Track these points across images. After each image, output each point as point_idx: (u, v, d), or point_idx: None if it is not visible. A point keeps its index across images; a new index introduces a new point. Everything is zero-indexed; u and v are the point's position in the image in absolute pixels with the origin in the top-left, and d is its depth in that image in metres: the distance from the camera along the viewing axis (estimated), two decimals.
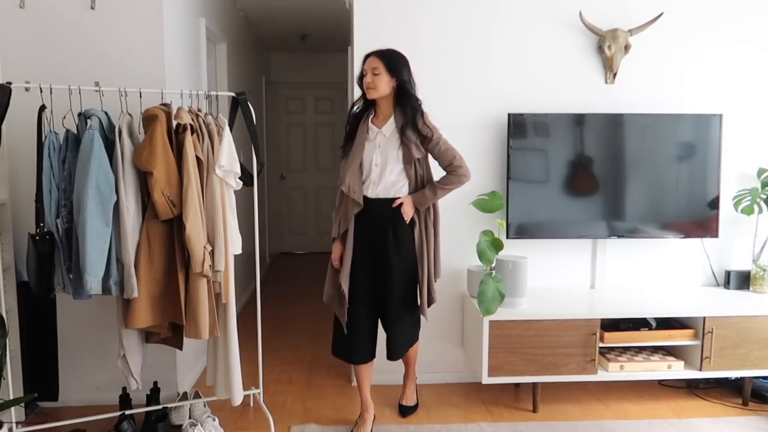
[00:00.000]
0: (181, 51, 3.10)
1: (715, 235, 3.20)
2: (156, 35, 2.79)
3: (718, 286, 3.36)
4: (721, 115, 3.13)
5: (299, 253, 7.19)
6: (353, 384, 3.27)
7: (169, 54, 2.87)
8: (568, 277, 3.33)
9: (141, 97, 2.41)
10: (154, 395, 2.80)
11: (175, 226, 2.34)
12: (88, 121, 2.24)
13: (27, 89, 2.41)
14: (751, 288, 3.24)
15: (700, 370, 2.92)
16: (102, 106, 2.33)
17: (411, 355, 2.89)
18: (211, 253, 2.35)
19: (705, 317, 2.89)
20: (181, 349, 2.63)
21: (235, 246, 2.54)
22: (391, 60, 2.49)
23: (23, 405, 2.76)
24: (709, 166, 3.15)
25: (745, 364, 2.92)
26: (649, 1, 3.16)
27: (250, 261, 3.10)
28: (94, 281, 2.19)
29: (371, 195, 2.55)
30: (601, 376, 2.90)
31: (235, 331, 2.57)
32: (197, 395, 2.95)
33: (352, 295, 2.55)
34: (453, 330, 3.28)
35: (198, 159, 2.35)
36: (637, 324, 2.97)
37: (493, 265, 2.88)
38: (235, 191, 2.53)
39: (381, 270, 2.57)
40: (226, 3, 4.33)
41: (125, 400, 2.72)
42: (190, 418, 2.76)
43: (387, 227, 2.54)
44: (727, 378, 3.15)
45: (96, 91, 2.36)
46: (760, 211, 3.19)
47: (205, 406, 2.86)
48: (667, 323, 3.01)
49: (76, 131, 2.30)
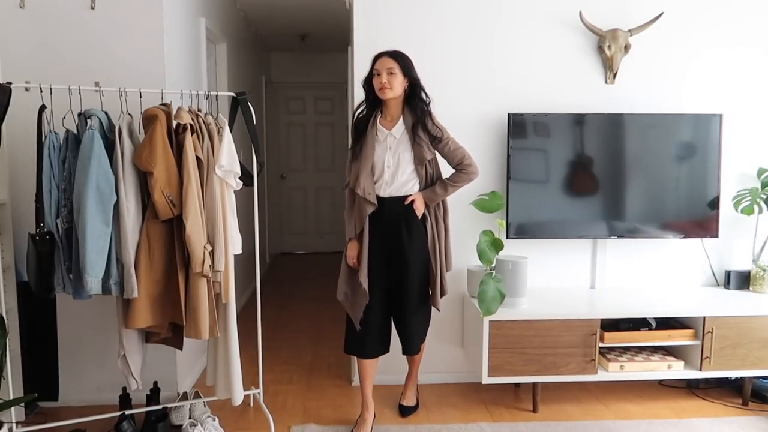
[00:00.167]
0: (181, 51, 3.10)
1: (715, 235, 3.20)
2: (156, 35, 2.79)
3: (718, 286, 3.36)
4: (721, 115, 3.13)
5: (299, 253, 7.19)
6: (353, 384, 3.27)
7: (169, 54, 2.87)
8: (568, 277, 3.33)
9: (141, 97, 2.41)
10: (154, 395, 2.80)
11: (175, 226, 2.34)
12: (88, 121, 2.24)
13: (27, 89, 2.41)
14: (751, 288, 3.24)
15: (700, 370, 2.92)
16: (102, 106, 2.33)
17: (417, 355, 2.90)
18: (211, 253, 2.35)
19: (705, 317, 2.89)
20: (181, 349, 2.63)
21: (235, 246, 2.54)
22: (405, 60, 2.55)
23: (23, 405, 2.76)
24: (709, 166, 3.15)
25: (745, 364, 2.92)
26: (649, 1, 3.17)
27: (250, 261, 3.10)
28: (94, 281, 2.19)
29: (383, 195, 2.60)
30: (601, 376, 2.90)
31: (235, 331, 2.57)
32: (197, 395, 2.95)
33: (369, 290, 2.60)
34: (453, 330, 3.28)
35: (198, 159, 2.35)
36: (637, 324, 2.97)
37: (493, 265, 2.88)
38: (235, 191, 2.53)
39: (397, 265, 2.62)
40: (226, 3, 4.33)
41: (125, 400, 2.72)
42: (190, 418, 2.76)
43: (400, 224, 2.60)
44: (727, 378, 3.15)
45: (96, 91, 2.36)
46: (760, 211, 3.19)
47: (205, 406, 2.86)
48: (667, 323, 3.01)
49: (76, 131, 2.30)
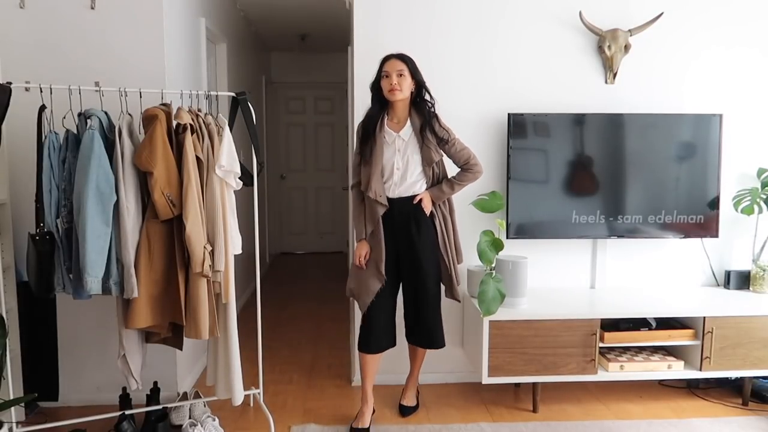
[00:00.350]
0: (181, 51, 3.10)
1: (715, 235, 3.20)
2: (156, 35, 2.79)
3: (718, 286, 3.36)
4: (721, 115, 3.14)
5: (299, 253, 7.19)
6: (353, 384, 3.27)
7: (169, 54, 2.87)
8: (568, 277, 3.33)
9: (141, 97, 2.41)
10: (154, 395, 2.80)
11: (175, 226, 2.34)
12: (88, 121, 2.24)
13: (27, 89, 2.41)
14: (751, 288, 3.24)
15: (700, 370, 2.92)
16: (102, 106, 2.33)
17: (420, 353, 2.93)
18: (211, 253, 2.35)
19: (705, 317, 2.89)
20: (181, 349, 2.63)
21: (235, 246, 2.54)
22: (413, 63, 2.63)
23: (23, 405, 2.76)
24: (709, 166, 3.15)
25: (745, 364, 2.92)
26: (649, 1, 3.16)
27: (250, 261, 3.10)
28: (94, 281, 2.19)
29: (392, 195, 2.67)
30: (601, 376, 2.90)
31: (236, 331, 2.57)
32: (197, 395, 2.95)
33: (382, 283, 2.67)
34: (453, 330, 3.27)
35: (198, 159, 2.35)
36: (637, 324, 2.97)
37: (493, 265, 2.88)
38: (235, 191, 2.53)
39: (409, 264, 2.69)
40: (226, 3, 4.33)
41: (125, 400, 2.72)
42: (190, 418, 2.76)
43: (410, 223, 2.67)
44: (727, 378, 3.15)
45: (96, 91, 2.36)
46: (760, 211, 3.19)
47: (205, 406, 2.86)
48: (667, 323, 3.01)
49: (76, 131, 2.30)
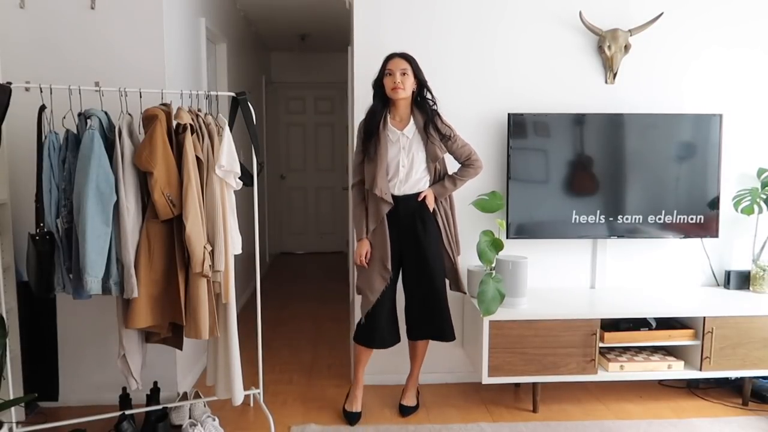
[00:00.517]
0: (181, 51, 3.10)
1: (715, 235, 3.20)
2: (156, 35, 2.79)
3: (718, 286, 3.36)
4: (721, 115, 3.14)
5: (299, 253, 7.19)
6: None
7: (169, 54, 2.87)
8: (568, 277, 3.33)
9: (141, 97, 2.41)
10: (154, 395, 2.80)
11: (175, 226, 2.34)
12: (88, 121, 2.24)
13: (27, 89, 2.41)
14: (751, 288, 3.24)
15: (700, 370, 2.92)
16: (102, 106, 2.33)
17: (420, 351, 2.94)
18: (211, 253, 2.35)
19: (705, 317, 2.89)
20: (181, 349, 2.63)
21: (235, 246, 2.54)
22: (415, 62, 2.67)
23: (23, 405, 2.76)
24: (709, 166, 3.15)
25: (745, 364, 2.92)
26: (649, 1, 3.16)
27: (250, 261, 3.10)
28: (94, 281, 2.19)
29: (398, 193, 2.71)
30: (601, 376, 2.90)
31: (236, 331, 2.57)
32: (197, 395, 2.95)
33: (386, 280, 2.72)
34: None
35: (198, 159, 2.35)
36: (637, 324, 2.97)
37: (493, 265, 2.88)
38: (235, 191, 2.53)
39: (416, 260, 2.74)
40: (226, 3, 4.33)
41: (125, 400, 2.72)
42: (190, 418, 2.76)
43: (416, 219, 2.72)
44: (727, 378, 3.15)
45: (96, 91, 2.36)
46: (760, 211, 3.19)
47: (205, 406, 2.86)
48: (667, 323, 3.01)
49: (76, 131, 2.30)
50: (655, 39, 3.19)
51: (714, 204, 3.17)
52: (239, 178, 2.50)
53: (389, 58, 2.68)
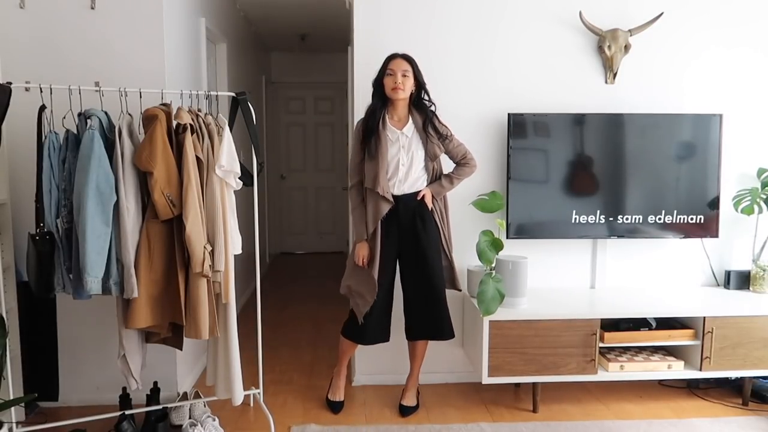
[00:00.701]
0: (181, 51, 3.10)
1: (715, 235, 3.20)
2: (156, 35, 2.79)
3: (718, 286, 3.36)
4: (721, 115, 3.13)
5: (299, 253, 7.19)
6: (354, 384, 3.27)
7: (169, 54, 2.87)
8: (568, 277, 3.33)
9: (141, 97, 2.41)
10: (154, 395, 2.80)
11: (175, 226, 2.33)
12: (88, 121, 2.24)
13: (27, 89, 2.41)
14: (751, 288, 3.24)
15: (700, 370, 2.92)
16: (102, 106, 2.33)
17: (420, 351, 2.95)
18: (211, 253, 2.35)
19: (705, 317, 2.89)
20: (181, 349, 2.63)
21: (235, 246, 2.54)
22: (416, 64, 2.71)
23: (23, 405, 2.76)
24: (709, 166, 3.15)
25: (745, 364, 2.92)
26: (649, 1, 3.16)
27: (250, 261, 3.10)
28: (94, 281, 2.19)
29: (398, 192, 2.73)
30: (601, 376, 2.90)
31: (235, 331, 2.57)
32: (197, 395, 2.95)
33: (378, 285, 2.72)
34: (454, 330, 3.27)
35: (198, 159, 2.35)
36: (637, 324, 2.97)
37: (493, 265, 2.88)
38: (235, 191, 2.53)
39: (416, 258, 2.76)
40: (226, 3, 4.33)
41: (125, 400, 2.72)
42: (190, 418, 2.76)
43: (416, 218, 2.75)
44: (727, 378, 3.15)
45: (96, 91, 2.36)
46: (760, 211, 3.19)
47: (205, 406, 2.86)
48: (667, 323, 3.01)
49: (76, 131, 2.30)
50: (655, 39, 3.19)
51: (714, 204, 3.17)
52: (239, 178, 2.50)
53: (391, 58, 2.70)
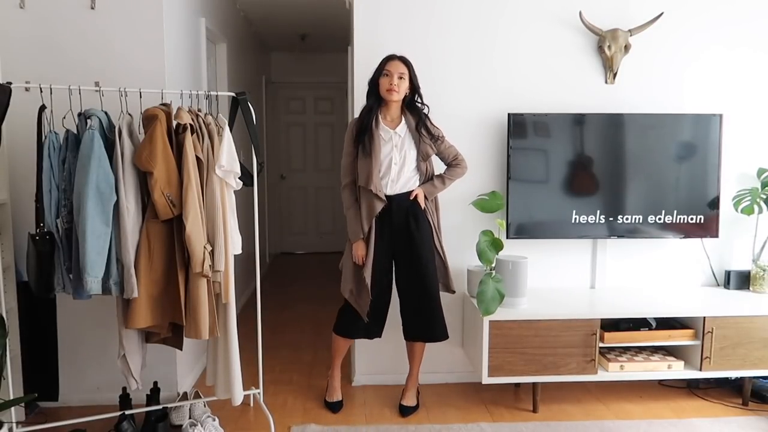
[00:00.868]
0: (181, 51, 3.10)
1: (715, 235, 3.20)
2: (156, 35, 2.79)
3: (718, 286, 3.36)
4: (721, 115, 3.13)
5: (299, 253, 7.19)
6: (354, 384, 3.27)
7: (169, 54, 2.87)
8: (568, 277, 3.33)
9: (141, 97, 2.41)
10: (154, 395, 2.80)
11: (175, 226, 2.34)
12: (88, 121, 2.24)
13: (27, 89, 2.41)
14: (751, 288, 3.24)
15: (700, 370, 2.92)
16: (102, 106, 2.33)
17: (418, 352, 2.95)
18: (211, 253, 2.35)
19: (705, 317, 2.89)
20: (181, 349, 2.63)
21: (235, 246, 2.54)
22: (412, 67, 2.73)
23: (23, 405, 2.76)
24: (709, 166, 3.15)
25: (745, 364, 2.92)
26: (649, 1, 3.16)
27: (250, 261, 3.10)
28: (94, 281, 2.19)
29: (390, 192, 2.74)
30: (601, 376, 2.90)
31: (235, 331, 2.57)
32: (197, 395, 2.95)
33: (374, 285, 2.73)
34: (453, 330, 3.26)
35: (198, 159, 2.35)
36: (637, 324, 2.97)
37: (493, 265, 2.88)
38: (235, 191, 2.53)
39: (409, 258, 2.77)
40: (226, 3, 4.33)
41: (125, 400, 2.72)
42: (190, 418, 2.76)
43: (409, 218, 2.76)
44: (727, 378, 3.15)
45: (96, 91, 2.36)
46: (760, 211, 3.19)
47: (205, 406, 2.86)
48: (667, 323, 3.01)
49: (76, 131, 2.30)
50: (655, 39, 3.19)
51: (714, 204, 3.17)
52: (239, 178, 2.50)
53: (388, 59, 2.71)
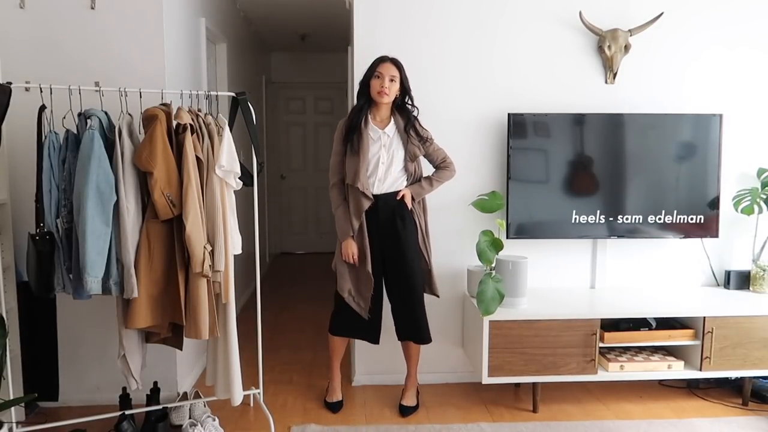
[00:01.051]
0: (181, 51, 3.10)
1: (715, 235, 3.20)
2: (156, 35, 2.79)
3: (718, 286, 3.36)
4: (721, 115, 3.13)
5: (299, 253, 7.19)
6: (354, 384, 3.27)
7: (169, 54, 2.87)
8: (568, 277, 3.33)
9: (141, 97, 2.41)
10: (154, 395, 2.80)
11: (175, 226, 2.34)
12: (88, 121, 2.24)
13: (27, 89, 2.41)
14: (751, 288, 3.24)
15: (700, 370, 2.92)
16: (102, 106, 2.33)
17: (414, 352, 2.95)
18: (211, 253, 2.35)
19: (705, 317, 2.89)
20: (181, 349, 2.63)
21: (235, 246, 2.54)
22: (404, 70, 2.73)
23: (23, 405, 2.76)
24: (709, 166, 3.15)
25: (745, 364, 2.92)
26: (649, 1, 3.16)
27: (250, 261, 3.10)
28: (94, 281, 2.19)
29: (377, 191, 2.74)
30: (601, 376, 2.90)
31: (235, 331, 2.57)
32: (197, 395, 2.95)
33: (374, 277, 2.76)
34: (453, 330, 3.28)
35: (198, 159, 2.35)
36: (637, 324, 2.97)
37: (493, 265, 2.88)
38: (235, 191, 2.53)
39: (394, 258, 2.78)
40: (226, 3, 4.33)
41: (125, 400, 2.72)
42: (190, 418, 2.76)
43: (395, 218, 2.76)
44: (727, 378, 3.15)
45: (96, 91, 2.36)
46: (760, 211, 3.19)
47: (205, 406, 2.86)
48: (667, 323, 3.01)
49: (76, 131, 2.30)
50: (655, 39, 3.19)
51: (714, 204, 3.17)
52: (239, 178, 2.50)
53: (380, 61, 2.71)
